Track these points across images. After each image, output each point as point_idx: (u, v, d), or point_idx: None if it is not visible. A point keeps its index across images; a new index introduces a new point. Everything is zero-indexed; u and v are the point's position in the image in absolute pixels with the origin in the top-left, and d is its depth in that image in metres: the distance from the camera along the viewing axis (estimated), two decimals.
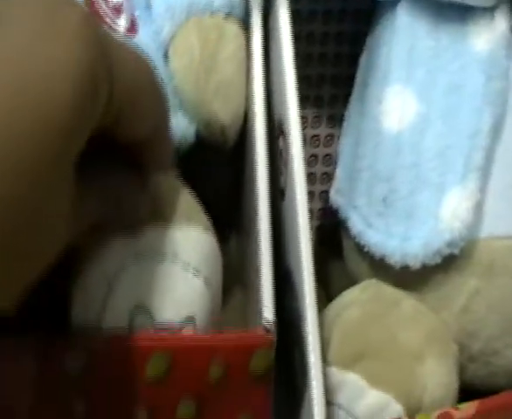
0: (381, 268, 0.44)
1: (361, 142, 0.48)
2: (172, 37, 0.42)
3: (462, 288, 0.42)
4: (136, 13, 0.44)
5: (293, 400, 0.42)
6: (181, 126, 0.42)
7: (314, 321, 0.38)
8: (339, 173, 0.50)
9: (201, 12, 0.42)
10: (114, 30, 0.42)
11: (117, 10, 0.43)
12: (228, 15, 0.43)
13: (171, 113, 0.36)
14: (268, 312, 0.35)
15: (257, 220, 0.39)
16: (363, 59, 0.50)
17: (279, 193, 0.45)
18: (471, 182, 0.42)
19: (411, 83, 0.45)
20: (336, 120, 0.54)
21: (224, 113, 0.42)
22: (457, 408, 0.37)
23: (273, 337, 0.34)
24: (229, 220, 0.48)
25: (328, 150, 0.57)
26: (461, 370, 0.43)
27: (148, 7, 0.44)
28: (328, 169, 0.57)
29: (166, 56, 0.43)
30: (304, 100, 0.53)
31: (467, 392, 0.41)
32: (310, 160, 0.57)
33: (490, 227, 0.42)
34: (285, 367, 0.41)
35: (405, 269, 0.42)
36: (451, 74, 0.44)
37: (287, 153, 0.42)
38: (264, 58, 0.44)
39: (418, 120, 0.44)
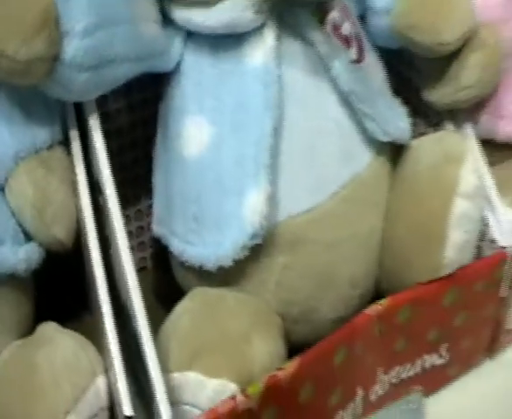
0: (203, 275, 0.49)
1: (170, 174, 0.52)
2: (6, 180, 0.46)
3: (272, 267, 0.49)
4: None
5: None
6: (30, 251, 0.47)
7: (147, 337, 0.43)
8: (156, 205, 0.54)
9: (27, 154, 0.47)
10: None
11: None
12: (50, 146, 0.48)
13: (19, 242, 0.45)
14: (127, 409, 0.41)
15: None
16: (161, 106, 0.54)
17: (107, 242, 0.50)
18: (262, 178, 0.47)
19: (203, 111, 0.50)
20: None
21: (60, 232, 0.47)
22: (281, 368, 0.41)
23: None
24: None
25: None
26: (288, 333, 0.49)
27: None
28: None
29: None
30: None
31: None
32: None
33: (286, 210, 0.49)
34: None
35: (222, 269, 0.48)
36: (235, 94, 0.49)
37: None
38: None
39: (213, 140, 0.49)
